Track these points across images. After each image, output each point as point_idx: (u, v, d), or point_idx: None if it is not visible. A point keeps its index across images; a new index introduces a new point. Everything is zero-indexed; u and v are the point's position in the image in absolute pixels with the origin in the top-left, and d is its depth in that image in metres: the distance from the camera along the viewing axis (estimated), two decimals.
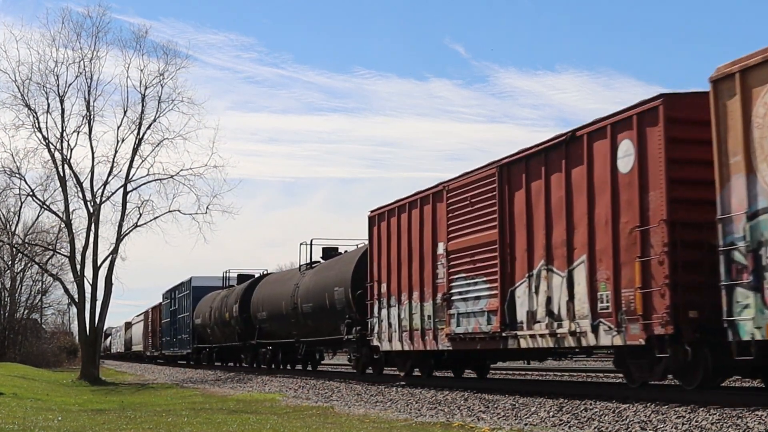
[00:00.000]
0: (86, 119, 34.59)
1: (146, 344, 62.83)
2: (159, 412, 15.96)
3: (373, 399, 17.21)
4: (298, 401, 18.00)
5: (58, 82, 34.43)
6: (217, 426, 12.58)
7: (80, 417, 14.98)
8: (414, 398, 16.46)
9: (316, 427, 12.23)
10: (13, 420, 13.67)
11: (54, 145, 34.33)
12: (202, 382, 29.86)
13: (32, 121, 34.23)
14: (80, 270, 35.00)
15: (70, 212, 35.24)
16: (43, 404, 18.93)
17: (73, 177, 34.89)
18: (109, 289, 35.17)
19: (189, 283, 45.04)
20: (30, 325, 64.66)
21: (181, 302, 46.90)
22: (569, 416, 12.01)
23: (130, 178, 34.89)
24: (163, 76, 34.78)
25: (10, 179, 37.60)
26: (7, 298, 59.54)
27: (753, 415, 10.22)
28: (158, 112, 34.75)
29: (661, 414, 11.16)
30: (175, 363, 52.86)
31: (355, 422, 12.88)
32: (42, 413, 15.62)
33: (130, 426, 12.81)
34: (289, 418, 13.84)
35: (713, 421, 10.22)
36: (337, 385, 21.21)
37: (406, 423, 12.54)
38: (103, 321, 36.32)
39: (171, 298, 50.16)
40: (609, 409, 12.09)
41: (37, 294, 65.07)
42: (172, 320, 49.56)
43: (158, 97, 34.72)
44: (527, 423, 11.90)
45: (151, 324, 59.58)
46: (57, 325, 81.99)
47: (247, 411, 15.70)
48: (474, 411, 13.65)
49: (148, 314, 61.79)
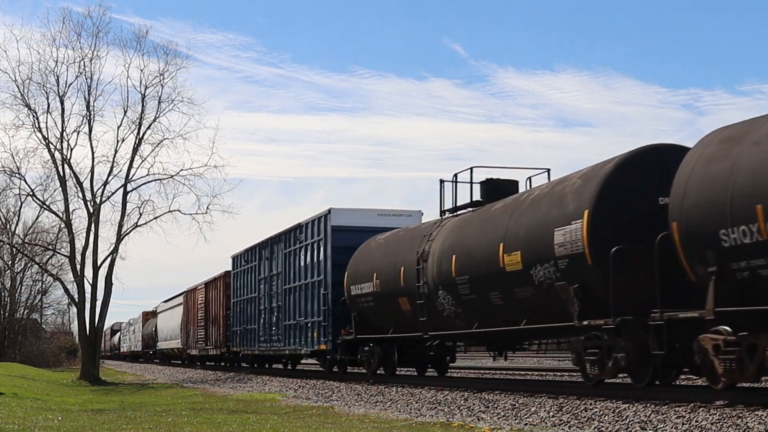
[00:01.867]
0: (86, 119, 34.63)
1: (189, 339, 44.82)
2: (159, 412, 15.96)
3: (373, 399, 17.21)
4: (298, 401, 18.01)
5: (58, 82, 34.47)
6: (217, 426, 12.58)
7: (80, 417, 14.98)
8: (414, 398, 16.47)
9: (316, 427, 12.23)
10: (13, 420, 13.67)
11: (54, 145, 34.38)
12: (202, 382, 29.86)
13: (32, 121, 34.26)
14: (80, 270, 35.01)
15: (70, 212, 35.29)
16: (43, 404, 18.93)
17: (73, 177, 34.93)
18: (109, 289, 35.21)
19: (323, 221, 24.58)
20: (30, 325, 64.64)
21: (293, 259, 27.06)
22: (569, 416, 12.02)
23: (130, 178, 34.94)
24: (163, 76, 34.81)
25: (10, 179, 37.61)
26: (7, 298, 59.53)
27: (753, 415, 10.22)
28: (158, 112, 34.79)
29: (661, 414, 11.17)
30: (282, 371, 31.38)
31: (355, 422, 12.88)
32: (42, 413, 15.62)
33: (130, 426, 12.81)
34: (290, 418, 13.84)
35: (713, 421, 10.22)
36: (337, 385, 21.21)
37: (406, 423, 12.54)
38: (103, 321, 36.36)
39: (260, 258, 30.95)
40: (609, 409, 12.09)
41: (37, 294, 65.14)
42: (265, 294, 30.17)
43: (158, 97, 34.77)
44: (527, 423, 11.91)
45: (199, 309, 41.72)
46: (57, 325, 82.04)
47: (248, 411, 15.71)
48: (474, 411, 13.65)
49: (193, 295, 44.09)
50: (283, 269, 28.01)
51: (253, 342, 31.76)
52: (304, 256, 25.90)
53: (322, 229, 24.41)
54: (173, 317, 50.85)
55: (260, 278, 30.92)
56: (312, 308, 25.07)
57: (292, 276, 27.07)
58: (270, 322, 29.41)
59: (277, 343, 28.54)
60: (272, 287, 29.37)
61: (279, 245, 28.72)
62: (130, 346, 75.49)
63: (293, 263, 26.98)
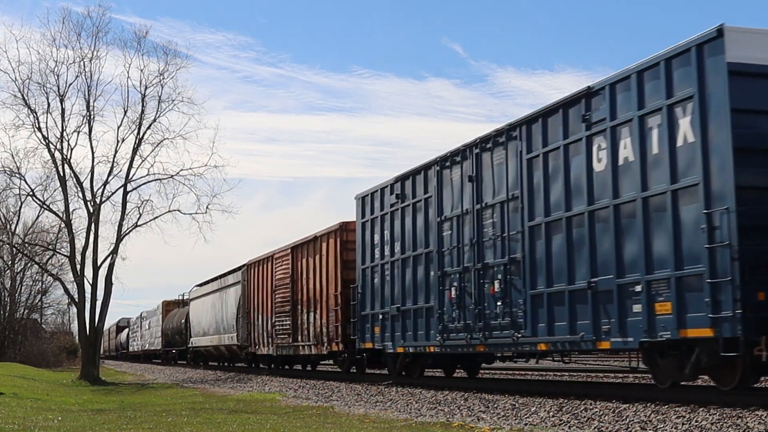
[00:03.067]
0: (86, 119, 34.65)
1: (255, 333, 32.00)
2: (159, 412, 15.96)
3: (373, 399, 17.21)
4: (298, 401, 18.00)
5: (58, 82, 34.48)
6: (217, 426, 12.58)
7: (80, 417, 14.98)
8: (414, 398, 16.46)
9: (316, 427, 12.23)
10: (13, 420, 13.66)
11: (54, 145, 34.39)
12: (202, 382, 29.85)
13: (32, 121, 34.28)
14: (80, 270, 35.01)
15: (70, 212, 35.30)
16: (43, 404, 18.93)
17: (73, 177, 34.95)
18: (109, 289, 35.21)
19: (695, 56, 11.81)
20: (30, 325, 64.63)
21: (571, 162, 14.46)
22: (569, 416, 12.02)
23: (130, 178, 34.96)
24: (163, 76, 34.82)
25: (10, 179, 37.68)
26: (7, 298, 59.52)
27: (753, 415, 10.23)
28: (158, 112, 34.82)
29: (661, 414, 11.17)
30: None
31: (355, 422, 12.87)
32: (42, 413, 15.62)
33: (130, 426, 12.81)
34: (289, 418, 13.84)
35: (713, 421, 10.22)
36: (337, 385, 21.21)
37: (406, 423, 12.53)
38: (103, 321, 36.36)
39: (441, 183, 18.63)
40: (609, 409, 12.09)
41: (37, 294, 65.09)
42: (460, 246, 17.71)
43: (158, 97, 34.79)
44: (527, 423, 11.90)
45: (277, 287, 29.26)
46: (57, 325, 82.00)
47: (247, 411, 15.70)
48: (474, 411, 13.65)
49: (261, 269, 31.34)
50: (526, 190, 15.46)
51: (424, 332, 18.89)
52: (611, 151, 13.31)
53: (689, 75, 11.93)
54: (220, 303, 37.95)
55: (445, 218, 18.25)
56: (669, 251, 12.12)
57: (571, 196, 14.28)
58: (481, 294, 16.89)
59: (512, 330, 15.72)
60: (490, 229, 16.72)
61: (503, 148, 16.31)
62: (143, 344, 63.83)
63: (575, 169, 14.24)
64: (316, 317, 25.46)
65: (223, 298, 37.79)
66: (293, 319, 27.50)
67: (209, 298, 40.46)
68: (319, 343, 25.16)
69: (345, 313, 23.29)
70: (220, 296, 38.38)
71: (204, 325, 41.14)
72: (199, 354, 43.98)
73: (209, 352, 41.52)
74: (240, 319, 34.19)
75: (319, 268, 25.30)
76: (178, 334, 48.87)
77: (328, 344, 24.40)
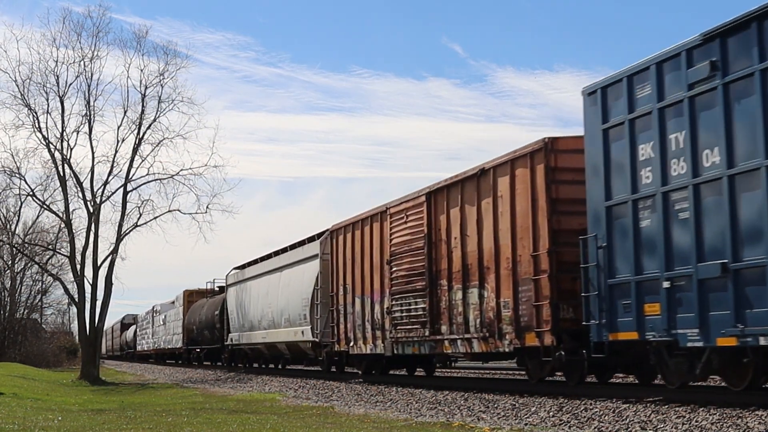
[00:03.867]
0: (86, 119, 34.66)
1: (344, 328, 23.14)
2: (159, 412, 15.96)
3: (373, 399, 17.22)
4: (298, 401, 18.00)
5: (58, 82, 34.50)
6: (218, 426, 12.58)
7: (80, 417, 14.98)
8: (414, 398, 16.47)
9: (316, 427, 12.23)
10: (13, 420, 13.66)
11: (54, 145, 34.41)
12: (202, 382, 29.86)
13: (32, 121, 34.30)
14: (80, 270, 35.02)
15: (70, 212, 35.33)
16: (43, 404, 18.93)
17: (73, 177, 34.97)
18: (109, 289, 35.21)
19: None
20: (30, 325, 64.64)
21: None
22: (569, 416, 12.02)
23: (130, 178, 34.98)
24: (163, 76, 34.85)
25: (10, 179, 37.71)
26: (7, 298, 59.55)
27: (753, 415, 10.23)
28: (158, 111, 34.84)
29: (661, 414, 11.17)
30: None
31: (355, 422, 12.88)
32: (42, 413, 15.62)
33: (130, 426, 12.81)
34: (289, 418, 13.84)
35: (713, 421, 10.23)
36: (337, 385, 21.21)
37: (406, 423, 12.54)
38: (103, 321, 36.37)
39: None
40: (609, 409, 12.10)
41: (37, 294, 65.13)
42: None
43: (158, 96, 34.81)
44: (527, 423, 11.91)
45: (397, 257, 20.02)
46: (57, 325, 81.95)
47: (248, 411, 15.70)
48: (474, 411, 13.66)
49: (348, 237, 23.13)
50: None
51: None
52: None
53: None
54: (280, 288, 29.46)
55: None
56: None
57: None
58: None
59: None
60: None
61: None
62: (157, 343, 55.40)
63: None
64: (487, 294, 16.69)
65: (284, 280, 29.10)
66: (432, 300, 18.71)
67: (260, 281, 32.07)
68: (493, 336, 16.39)
69: (560, 286, 14.77)
70: (278, 279, 29.77)
71: (252, 316, 32.74)
72: (241, 354, 36.16)
73: (258, 351, 33.46)
74: (317, 306, 25.60)
75: (493, 218, 16.53)
76: (208, 329, 40.43)
77: (518, 336, 15.70)
